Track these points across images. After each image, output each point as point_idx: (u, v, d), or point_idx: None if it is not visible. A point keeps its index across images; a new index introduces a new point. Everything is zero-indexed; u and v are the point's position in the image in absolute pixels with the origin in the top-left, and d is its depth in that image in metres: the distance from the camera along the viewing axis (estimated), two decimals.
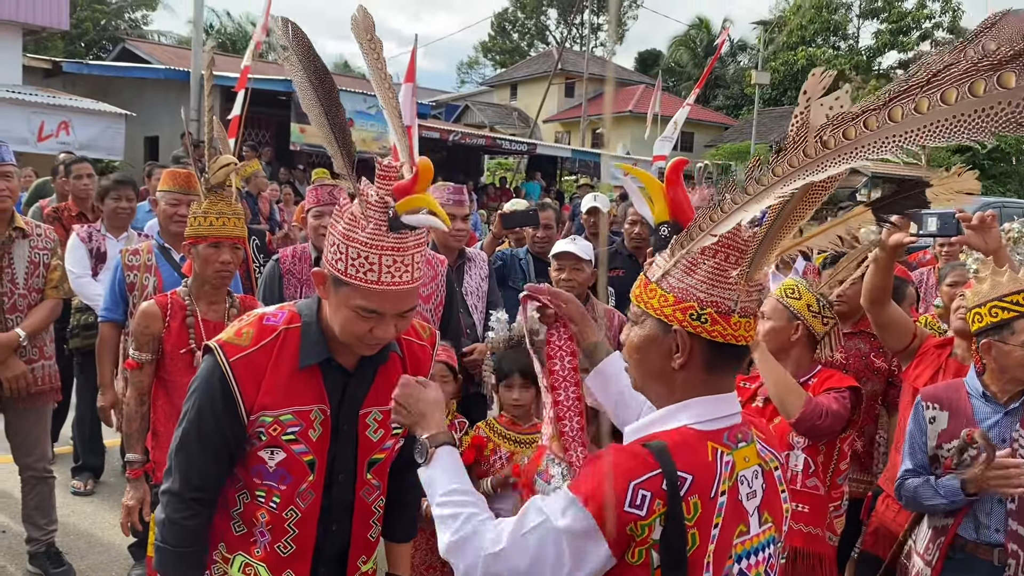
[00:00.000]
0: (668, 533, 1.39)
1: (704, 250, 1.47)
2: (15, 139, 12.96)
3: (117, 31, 31.34)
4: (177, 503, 1.83)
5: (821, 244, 1.58)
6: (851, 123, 1.24)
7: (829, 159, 1.27)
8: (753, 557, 1.52)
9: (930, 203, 1.54)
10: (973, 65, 1.13)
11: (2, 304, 3.75)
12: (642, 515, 1.37)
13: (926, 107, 1.16)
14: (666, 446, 1.43)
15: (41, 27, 16.26)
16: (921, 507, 2.63)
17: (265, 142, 17.73)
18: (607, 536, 1.38)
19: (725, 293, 1.47)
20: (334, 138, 1.74)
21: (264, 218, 8.50)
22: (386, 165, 1.67)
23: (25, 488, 4.01)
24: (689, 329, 1.47)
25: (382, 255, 1.67)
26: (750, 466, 1.53)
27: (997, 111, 1.12)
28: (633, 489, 1.38)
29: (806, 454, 2.72)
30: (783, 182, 1.33)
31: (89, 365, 4.50)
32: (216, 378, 1.80)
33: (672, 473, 1.39)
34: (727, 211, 1.41)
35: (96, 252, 4.75)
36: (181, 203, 3.79)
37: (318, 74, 1.75)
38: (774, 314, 2.83)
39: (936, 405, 2.64)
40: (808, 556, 2.69)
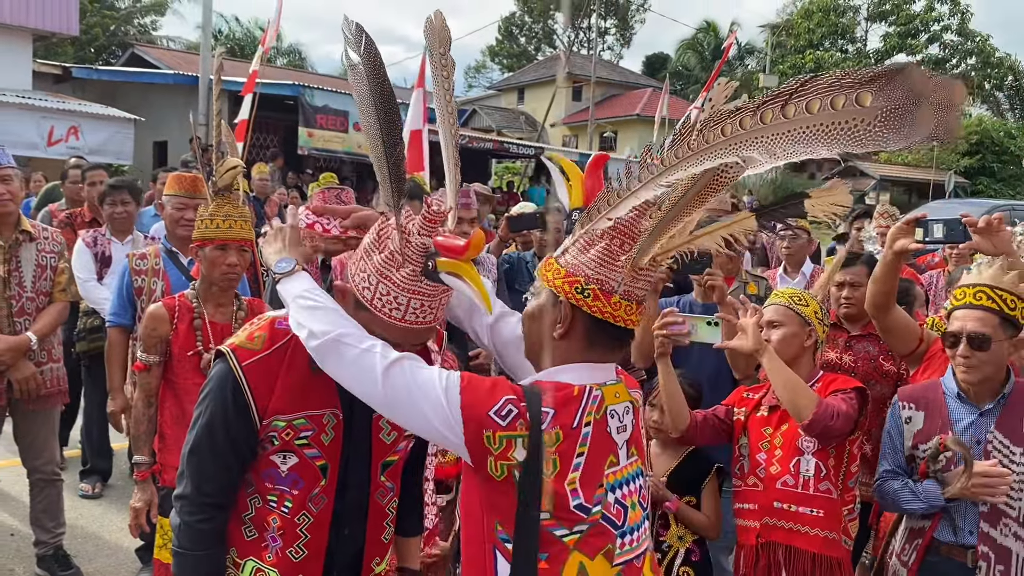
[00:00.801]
0: (529, 458, 1.52)
1: (602, 232, 1.60)
2: (25, 144, 13.05)
3: (126, 36, 31.47)
4: (191, 507, 1.83)
5: (707, 245, 1.66)
6: (727, 120, 1.37)
7: (708, 152, 1.40)
8: (626, 487, 1.64)
9: (807, 214, 1.63)
10: (838, 80, 1.25)
11: (10, 307, 3.76)
12: (502, 426, 1.52)
13: (792, 113, 1.29)
14: (538, 392, 1.58)
15: (51, 33, 16.35)
16: (899, 509, 2.64)
17: (273, 146, 17.79)
18: (464, 425, 1.53)
19: (611, 274, 1.59)
20: (387, 165, 1.72)
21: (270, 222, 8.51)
22: (434, 211, 1.64)
23: (33, 491, 4.03)
24: (572, 301, 1.61)
25: (411, 298, 1.69)
26: (621, 401, 1.66)
27: (850, 126, 1.24)
28: (504, 402, 1.53)
29: (816, 459, 2.71)
30: (669, 171, 1.46)
31: (96, 368, 4.52)
32: (229, 383, 1.79)
33: (536, 407, 1.54)
34: (621, 196, 1.55)
35: (101, 256, 4.77)
36: (187, 207, 3.80)
37: (384, 96, 1.71)
38: (787, 320, 2.84)
39: (912, 405, 2.64)
40: (825, 561, 2.68)
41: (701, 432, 2.92)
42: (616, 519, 1.60)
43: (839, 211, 1.61)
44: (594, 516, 1.56)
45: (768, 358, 2.68)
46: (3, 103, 13.34)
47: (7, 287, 3.74)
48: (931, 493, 2.49)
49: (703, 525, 3.05)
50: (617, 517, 1.60)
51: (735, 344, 2.75)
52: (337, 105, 15.84)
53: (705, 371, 3.35)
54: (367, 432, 1.90)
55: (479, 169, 22.09)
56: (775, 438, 2.79)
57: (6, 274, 3.73)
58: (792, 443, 2.74)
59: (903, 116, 1.21)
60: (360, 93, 1.74)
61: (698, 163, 1.42)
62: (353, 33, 1.73)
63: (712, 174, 1.49)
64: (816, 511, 2.69)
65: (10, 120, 13.13)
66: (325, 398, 1.83)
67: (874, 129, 1.23)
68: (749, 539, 2.79)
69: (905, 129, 1.22)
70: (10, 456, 4.58)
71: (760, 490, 2.78)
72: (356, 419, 1.88)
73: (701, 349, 3.27)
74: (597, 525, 1.57)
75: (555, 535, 1.55)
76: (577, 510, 1.55)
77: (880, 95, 1.22)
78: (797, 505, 2.71)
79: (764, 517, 2.76)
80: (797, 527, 2.70)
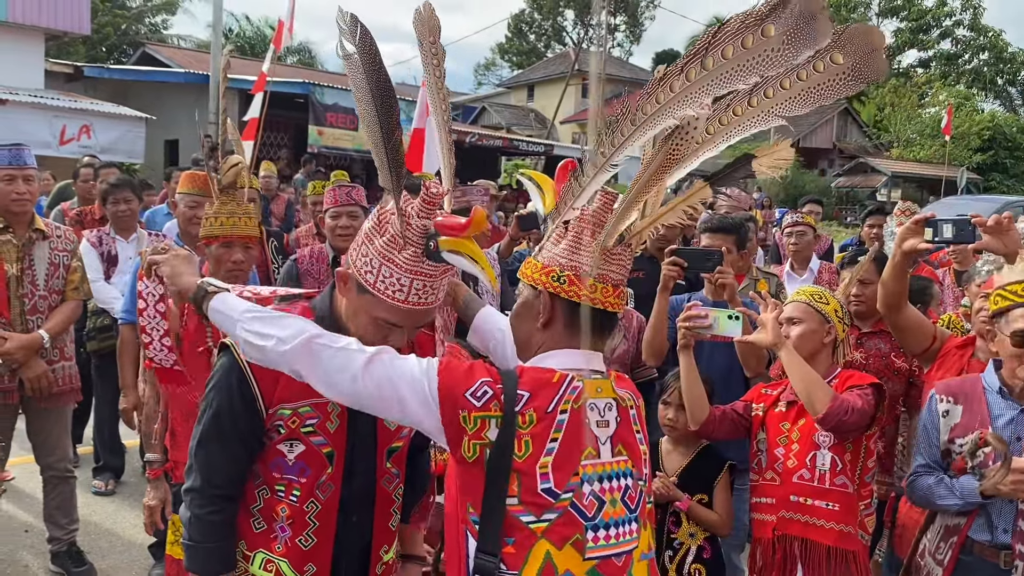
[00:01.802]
0: (501, 437, 1.57)
1: (569, 223, 1.68)
2: (37, 143, 13.11)
3: (137, 35, 31.62)
4: (200, 500, 1.85)
5: (671, 220, 1.75)
6: (658, 89, 1.51)
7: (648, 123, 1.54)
8: (607, 482, 1.65)
9: (754, 173, 1.75)
10: (742, 22, 1.41)
11: (23, 305, 3.78)
12: (477, 407, 1.57)
13: (712, 64, 1.44)
14: (515, 374, 1.64)
15: (63, 32, 16.45)
16: (933, 505, 2.58)
17: (283, 144, 17.83)
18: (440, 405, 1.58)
19: (583, 259, 1.66)
20: (384, 151, 1.76)
21: (278, 220, 8.52)
22: (432, 192, 1.67)
23: (47, 488, 4.05)
24: (550, 290, 1.68)
25: (414, 279, 1.72)
26: (603, 397, 1.69)
27: (764, 57, 1.41)
28: (480, 384, 1.59)
29: (833, 453, 2.72)
30: (618, 151, 1.60)
31: (107, 367, 4.54)
32: (234, 374, 1.82)
33: (512, 389, 1.59)
34: (583, 186, 1.66)
35: (107, 255, 4.80)
36: (199, 205, 3.80)
37: (380, 84, 1.74)
38: (807, 317, 2.86)
39: (950, 398, 2.60)
40: (841, 554, 2.68)
41: (719, 426, 2.92)
42: (587, 510, 1.60)
43: (782, 165, 1.72)
44: (562, 502, 1.58)
45: (786, 352, 2.70)
46: (16, 102, 13.43)
47: (20, 285, 3.76)
48: (967, 489, 2.44)
49: (715, 523, 3.05)
50: (588, 509, 1.60)
51: (754, 338, 2.76)
52: (347, 103, 15.87)
53: (716, 369, 3.35)
54: (371, 419, 1.91)
55: (488, 166, 22.09)
56: (792, 432, 2.79)
57: (19, 272, 3.75)
58: (808, 437, 2.75)
59: (803, 32, 1.38)
60: (356, 82, 1.78)
61: (642, 134, 1.56)
62: (348, 24, 1.75)
63: (665, 153, 1.61)
64: (832, 505, 2.69)
65: (23, 119, 13.21)
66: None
67: (783, 51, 1.40)
68: (766, 533, 2.80)
69: (808, 42, 1.39)
70: (24, 453, 4.60)
71: (777, 484, 2.79)
72: None
73: (713, 347, 3.27)
74: (565, 513, 1.58)
75: (522, 521, 1.57)
76: (545, 493, 1.57)
77: (779, 22, 1.39)
78: (813, 499, 2.71)
79: (780, 511, 2.76)
80: (813, 520, 2.70)
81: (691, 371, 2.89)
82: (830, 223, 22.81)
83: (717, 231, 3.69)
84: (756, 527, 2.86)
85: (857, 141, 36.60)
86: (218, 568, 1.87)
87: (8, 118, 13.00)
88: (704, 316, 2.80)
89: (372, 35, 1.73)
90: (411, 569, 2.23)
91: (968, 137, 30.81)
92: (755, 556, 2.86)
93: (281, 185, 10.68)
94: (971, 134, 30.92)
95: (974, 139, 31.08)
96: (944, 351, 3.09)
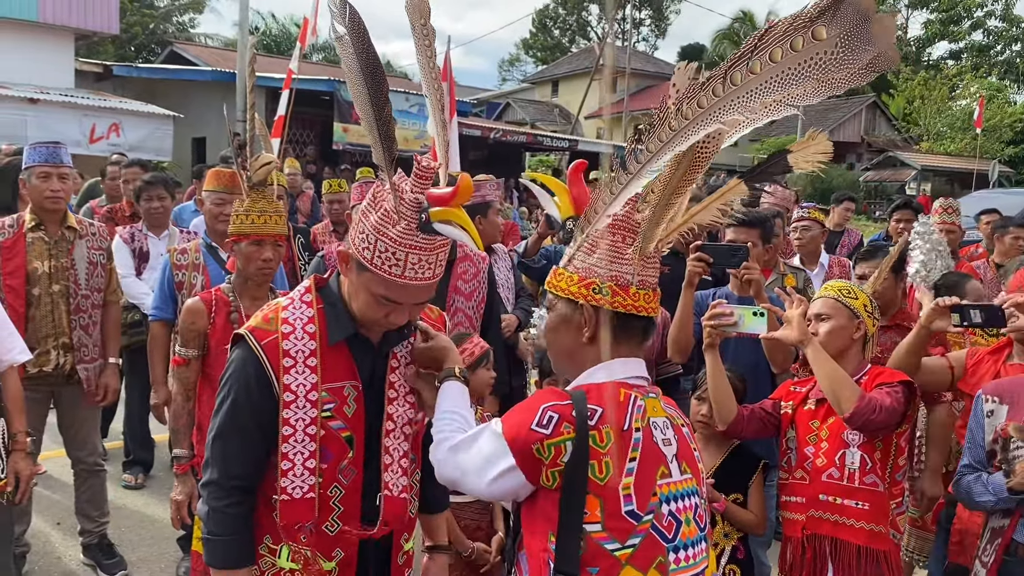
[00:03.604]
0: (574, 457, 1.53)
1: (601, 232, 1.64)
2: (68, 141, 13.14)
3: (165, 34, 31.93)
4: (218, 492, 1.86)
5: (704, 219, 1.72)
6: (701, 92, 1.42)
7: (690, 127, 1.45)
8: (681, 502, 1.64)
9: (792, 168, 1.70)
10: (790, 25, 1.33)
11: (68, 305, 3.85)
12: (548, 433, 1.53)
13: (759, 67, 1.35)
14: (583, 392, 1.61)
15: (93, 32, 16.65)
16: (973, 503, 2.57)
17: (309, 141, 17.93)
18: (516, 458, 1.56)
19: (623, 268, 1.63)
20: (376, 128, 1.78)
21: (304, 216, 8.57)
22: (424, 166, 1.70)
23: (77, 481, 4.12)
24: (592, 303, 1.64)
25: (409, 253, 1.73)
26: (659, 416, 1.67)
27: (815, 62, 1.32)
28: (542, 411, 1.56)
29: (862, 451, 2.68)
30: (656, 157, 1.51)
31: (136, 362, 4.61)
32: (250, 363, 1.84)
33: (583, 405, 1.56)
34: (615, 192, 1.59)
35: (139, 252, 4.87)
36: (226, 202, 3.84)
37: (369, 62, 1.77)
38: (836, 313, 2.82)
39: (996, 398, 2.57)
40: (872, 553, 2.65)
41: (748, 425, 2.90)
42: (667, 532, 1.59)
43: (822, 159, 1.67)
44: (644, 525, 1.55)
45: (812, 350, 2.67)
46: (47, 101, 13.62)
47: (53, 282, 3.82)
48: (997, 484, 2.43)
49: (750, 522, 3.03)
50: (668, 530, 1.59)
51: (780, 335, 2.73)
52: None
53: (742, 365, 3.32)
54: (382, 403, 1.93)
55: (512, 162, 22.08)
56: (821, 431, 2.76)
57: (50, 270, 3.81)
58: (837, 436, 2.72)
59: (858, 36, 1.29)
60: (348, 62, 1.79)
61: (683, 140, 1.47)
62: (338, 6, 1.77)
63: (695, 150, 1.54)
64: (862, 504, 2.66)
65: (54, 118, 13.40)
66: (343, 371, 1.88)
67: (837, 57, 1.31)
68: (795, 532, 2.77)
69: (863, 47, 1.30)
70: (56, 447, 4.68)
71: (806, 483, 2.76)
72: (374, 391, 1.92)
73: (738, 343, 3.25)
74: (648, 536, 1.56)
75: (607, 549, 1.54)
76: (628, 516, 1.54)
77: (832, 24, 1.30)
78: (842, 498, 2.68)
79: (810, 510, 2.73)
80: (843, 520, 2.67)
81: (717, 371, 2.87)
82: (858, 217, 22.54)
83: (742, 225, 3.66)
84: (786, 526, 2.84)
85: (886, 135, 36.13)
86: (237, 561, 1.88)
87: (40, 117, 13.20)
88: (729, 314, 2.78)
89: (360, 16, 1.77)
90: (438, 559, 2.23)
91: (1000, 130, 30.31)
92: (785, 555, 2.83)
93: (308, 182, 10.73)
94: (1003, 127, 30.41)
95: (1006, 131, 30.55)
96: (974, 361, 3.05)
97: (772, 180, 1.74)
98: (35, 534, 4.27)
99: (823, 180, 26.21)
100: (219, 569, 1.88)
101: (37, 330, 3.77)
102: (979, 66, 38.83)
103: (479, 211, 4.20)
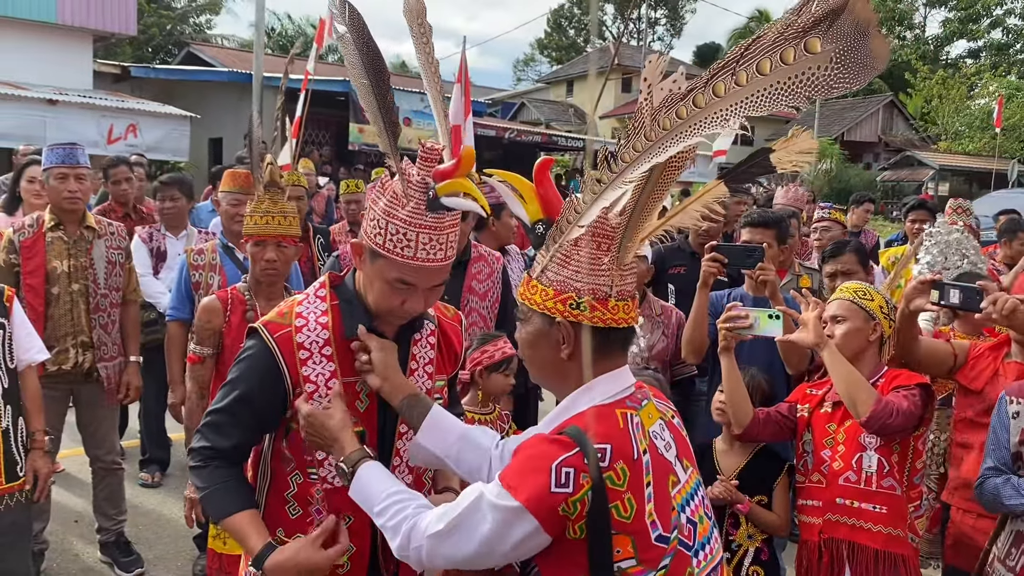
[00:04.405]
0: (594, 504, 1.44)
1: (576, 241, 1.52)
2: (86, 142, 13.26)
3: (182, 36, 32.16)
4: (199, 458, 1.88)
5: (684, 222, 1.64)
6: (681, 103, 1.32)
7: (668, 139, 1.35)
8: (692, 502, 1.60)
9: (774, 167, 1.61)
10: (780, 35, 1.21)
11: (87, 303, 3.89)
12: (570, 492, 1.43)
13: (745, 79, 1.25)
14: (579, 428, 1.48)
15: (111, 33, 16.77)
16: (1002, 508, 2.51)
17: (324, 142, 18.01)
18: (540, 520, 1.44)
19: (600, 279, 1.52)
20: (381, 117, 1.82)
21: (319, 216, 8.60)
22: (428, 148, 1.73)
23: (95, 479, 4.15)
24: (571, 319, 1.53)
25: (419, 233, 1.74)
26: (655, 421, 1.60)
27: (808, 76, 1.21)
28: (556, 470, 1.43)
29: (879, 454, 2.66)
30: (632, 167, 1.40)
31: (152, 361, 4.63)
32: (262, 354, 1.85)
33: (589, 448, 1.45)
34: (588, 202, 1.48)
35: (156, 251, 4.91)
36: (241, 203, 3.87)
37: (370, 54, 1.82)
38: (851, 315, 2.80)
39: (1020, 400, 2.54)
40: (890, 557, 2.63)
41: (764, 429, 2.88)
42: (688, 540, 1.56)
43: (806, 158, 1.61)
44: (672, 544, 1.51)
45: (828, 353, 2.65)
46: (66, 102, 13.73)
47: (72, 281, 3.86)
48: None
49: (774, 524, 3.01)
50: (688, 537, 1.56)
51: (796, 337, 2.72)
52: None
53: (757, 365, 3.31)
54: None
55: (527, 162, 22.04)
56: (838, 434, 2.74)
57: (70, 269, 3.85)
58: (854, 439, 2.70)
59: (857, 51, 1.19)
60: (350, 59, 1.83)
61: (660, 151, 1.36)
62: (338, 7, 1.83)
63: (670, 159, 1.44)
64: (879, 507, 2.64)
65: (72, 119, 13.50)
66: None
67: (832, 72, 1.20)
68: (812, 535, 2.76)
69: (862, 64, 1.19)
70: (74, 445, 4.72)
71: (823, 486, 2.74)
72: None
73: (753, 345, 3.23)
74: (676, 552, 1.52)
75: None
76: (658, 542, 1.49)
77: (827, 37, 1.19)
78: (859, 501, 2.66)
79: (827, 513, 2.72)
80: (860, 523, 2.65)
81: (733, 374, 2.85)
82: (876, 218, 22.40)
83: (757, 226, 3.64)
84: (803, 529, 2.82)
85: (903, 134, 35.88)
86: (232, 506, 1.85)
87: (58, 118, 13.31)
88: (744, 316, 2.77)
89: (360, 13, 1.83)
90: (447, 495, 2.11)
91: (1019, 129, 30.04)
92: (801, 558, 2.82)
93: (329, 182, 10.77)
94: (1022, 126, 30.13)
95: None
96: (975, 354, 3.03)
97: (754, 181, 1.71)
98: (53, 532, 4.30)
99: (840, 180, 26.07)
100: (220, 519, 1.88)
101: (56, 328, 3.81)
102: (998, 65, 38.50)
103: (493, 212, 4.21)
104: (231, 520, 1.84)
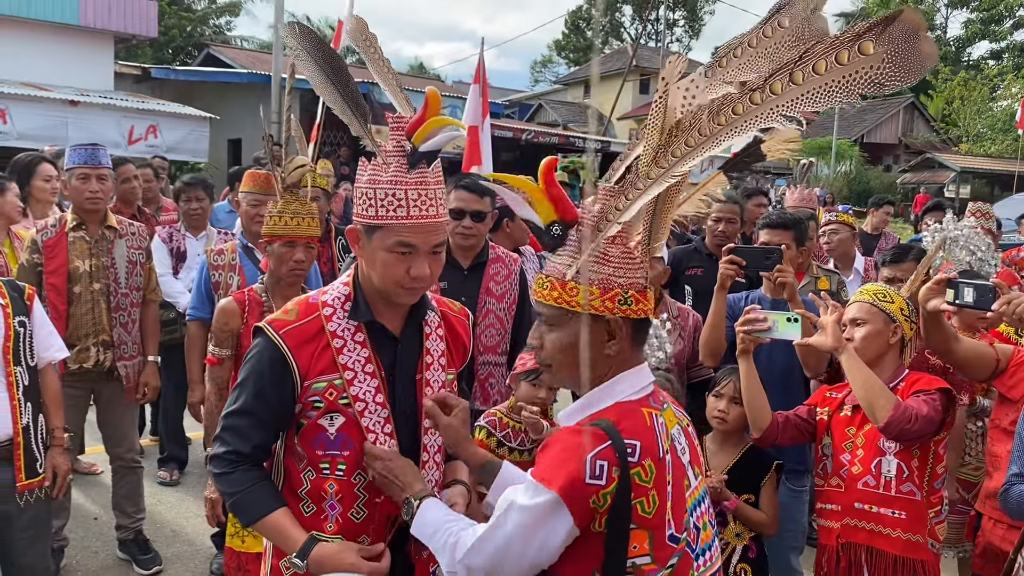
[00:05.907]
0: (618, 498, 1.47)
1: (612, 239, 1.57)
2: (108, 143, 13.36)
3: (202, 37, 32.39)
4: (225, 463, 1.89)
5: (689, 211, 1.73)
6: (738, 100, 1.41)
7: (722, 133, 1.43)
8: (699, 508, 1.64)
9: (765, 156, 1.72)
10: (836, 39, 1.32)
11: (108, 303, 3.92)
12: (603, 484, 1.46)
13: (801, 78, 1.34)
14: (611, 422, 1.53)
15: (132, 35, 16.95)
16: None
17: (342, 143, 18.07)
18: (572, 512, 1.47)
19: (638, 273, 1.59)
20: (347, 107, 1.98)
21: (337, 217, 8.63)
22: (396, 116, 1.83)
23: (115, 477, 4.19)
24: (620, 314, 1.57)
25: (407, 190, 1.80)
26: (674, 425, 1.65)
27: (860, 75, 1.31)
28: (591, 462, 1.47)
29: (899, 459, 2.63)
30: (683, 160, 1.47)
31: (171, 360, 4.67)
32: (268, 350, 1.87)
33: (620, 443, 1.49)
34: (631, 199, 1.52)
35: (176, 251, 4.94)
36: (261, 204, 3.89)
37: (327, 58, 2.00)
38: (871, 318, 2.77)
39: None
40: (909, 563, 2.61)
41: (783, 432, 2.86)
42: (693, 543, 1.59)
43: (792, 147, 1.70)
44: (681, 544, 1.55)
45: (847, 357, 2.62)
46: (87, 103, 13.87)
47: (94, 280, 3.89)
48: None
49: (761, 523, 3.00)
50: (693, 540, 1.59)
51: (814, 341, 2.69)
52: None
53: (776, 370, 3.29)
54: (411, 394, 1.95)
55: None
56: (857, 438, 2.72)
57: (91, 268, 3.89)
58: (873, 443, 2.67)
59: (908, 53, 1.27)
60: (310, 72, 2.04)
61: (715, 144, 1.45)
62: (291, 32, 2.06)
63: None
64: (898, 513, 2.61)
65: (94, 120, 13.64)
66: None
67: (884, 71, 1.29)
68: (830, 540, 2.74)
69: (913, 63, 1.28)
70: (94, 444, 4.77)
71: (842, 491, 2.72)
72: (399, 379, 1.94)
73: (771, 347, 3.21)
74: (683, 553, 1.56)
75: None
76: (670, 542, 1.53)
77: (880, 41, 1.28)
78: (878, 506, 2.64)
79: (845, 518, 2.70)
80: (879, 528, 2.63)
81: (752, 378, 2.83)
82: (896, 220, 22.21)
83: (776, 227, 3.62)
84: (821, 534, 2.81)
85: (924, 136, 35.57)
86: (263, 507, 1.87)
87: (80, 119, 13.45)
88: (763, 319, 2.76)
89: (311, 28, 2.09)
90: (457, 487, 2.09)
91: None
92: (820, 563, 2.80)
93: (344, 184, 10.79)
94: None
95: None
96: (1017, 360, 2.97)
97: (748, 169, 1.77)
98: (72, 529, 4.34)
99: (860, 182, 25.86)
100: (252, 523, 1.90)
101: (78, 327, 3.85)
102: (1021, 66, 38.07)
103: (507, 213, 4.21)
104: (267, 520, 1.86)
